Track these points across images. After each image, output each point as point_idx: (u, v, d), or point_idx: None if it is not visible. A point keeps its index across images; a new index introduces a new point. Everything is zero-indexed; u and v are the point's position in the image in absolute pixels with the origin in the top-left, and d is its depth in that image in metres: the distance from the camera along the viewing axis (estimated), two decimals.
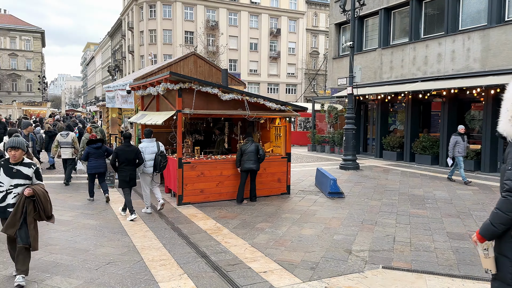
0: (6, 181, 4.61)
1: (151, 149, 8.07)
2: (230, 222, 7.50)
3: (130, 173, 7.82)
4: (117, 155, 7.80)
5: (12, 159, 4.65)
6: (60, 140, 11.03)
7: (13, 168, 4.63)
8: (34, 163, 4.81)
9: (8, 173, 4.61)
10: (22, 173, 4.66)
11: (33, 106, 44.11)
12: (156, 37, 50.09)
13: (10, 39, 67.72)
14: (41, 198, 4.68)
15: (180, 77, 8.44)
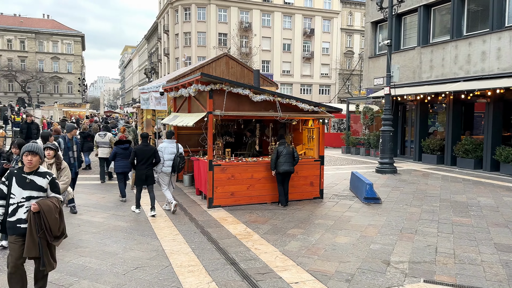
0: (17, 192, 4.02)
1: (170, 150, 8.35)
2: (260, 227, 7.27)
3: (147, 172, 8.17)
4: (135, 154, 8.19)
5: (27, 166, 4.06)
6: (97, 140, 11.64)
7: (26, 178, 4.04)
8: (51, 173, 4.23)
9: (20, 183, 4.03)
10: (35, 183, 4.06)
11: (73, 108, 45.71)
12: (191, 39, 50.74)
13: (52, 43, 70.78)
14: (46, 214, 3.97)
15: (211, 78, 8.30)
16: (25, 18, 73.21)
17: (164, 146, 8.41)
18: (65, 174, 6.05)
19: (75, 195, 8.30)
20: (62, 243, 6.32)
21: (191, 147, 11.22)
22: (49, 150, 5.96)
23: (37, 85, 66.76)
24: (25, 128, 12.71)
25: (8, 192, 4.05)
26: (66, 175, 6.05)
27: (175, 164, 8.22)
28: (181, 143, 11.37)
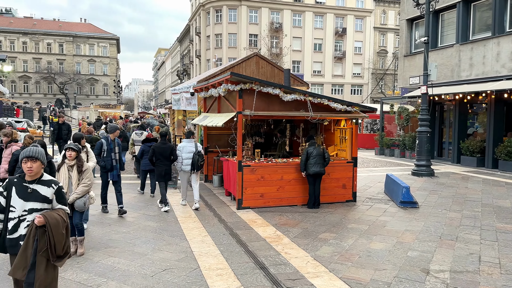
0: (18, 205, 3.44)
1: (189, 149, 8.60)
2: (290, 230, 7.05)
3: (165, 169, 8.55)
4: (154, 151, 8.58)
5: (28, 174, 3.48)
6: (134, 138, 12.01)
7: (28, 187, 3.47)
8: (56, 181, 3.66)
9: (21, 194, 3.45)
10: (39, 194, 3.48)
11: (108, 109, 47.00)
12: (222, 41, 51.07)
13: (89, 46, 73.22)
14: (53, 229, 3.39)
15: (241, 77, 8.17)
16: (63, 23, 76.09)
17: (183, 145, 8.66)
18: (86, 176, 5.69)
19: (109, 194, 8.33)
20: (92, 242, 6.42)
21: (220, 147, 11.15)
22: (70, 151, 5.61)
23: (74, 87, 69.24)
24: (57, 129, 13.01)
25: (7, 205, 3.46)
26: (88, 177, 5.71)
27: (194, 162, 8.49)
28: (210, 143, 11.39)
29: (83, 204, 5.62)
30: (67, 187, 5.54)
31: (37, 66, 69.62)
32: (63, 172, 5.60)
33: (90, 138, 11.73)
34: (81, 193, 5.60)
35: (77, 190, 5.58)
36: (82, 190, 5.61)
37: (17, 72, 68.40)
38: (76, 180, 5.63)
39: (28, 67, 69.51)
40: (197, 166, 8.51)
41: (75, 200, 5.55)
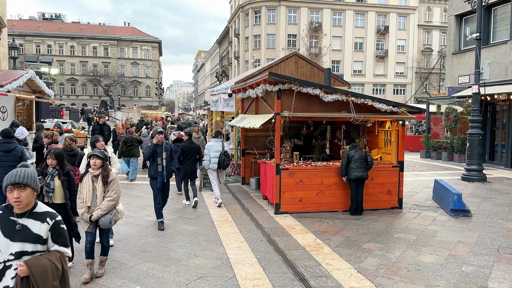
0: (4, 246, 2.58)
1: (216, 148, 8.93)
2: (331, 238, 6.67)
3: (191, 167, 8.95)
4: (182, 151, 8.98)
5: (16, 206, 2.62)
6: (172, 139, 11.98)
7: (15, 223, 2.62)
8: (54, 214, 2.74)
9: (7, 231, 2.60)
10: (29, 231, 2.62)
11: (150, 110, 48.17)
12: (260, 42, 51.02)
13: (132, 49, 75.49)
14: (39, 282, 2.51)
15: (279, 77, 7.87)
16: (108, 27, 78.92)
17: (211, 144, 9.05)
18: (113, 188, 4.91)
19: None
20: (129, 245, 6.35)
21: (258, 149, 10.91)
22: (95, 158, 4.86)
23: (118, 89, 71.58)
24: (98, 129, 13.21)
25: None
26: (114, 189, 4.92)
27: (221, 161, 8.82)
28: (248, 145, 11.17)
29: (108, 222, 4.91)
30: (91, 200, 4.88)
31: (84, 69, 72.58)
32: (86, 183, 4.89)
33: (131, 138, 12.04)
34: (106, 209, 4.86)
35: (102, 205, 4.84)
36: (108, 205, 4.87)
37: (65, 74, 71.66)
38: (101, 193, 4.89)
39: (75, 70, 72.63)
40: (223, 165, 8.89)
41: (100, 217, 4.86)
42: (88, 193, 4.88)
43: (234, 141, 12.42)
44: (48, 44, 71.14)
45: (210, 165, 8.91)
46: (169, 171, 7.40)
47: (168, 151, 7.40)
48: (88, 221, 4.85)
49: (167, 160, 7.31)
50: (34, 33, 70.25)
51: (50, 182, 4.83)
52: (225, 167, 9.03)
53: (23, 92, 13.06)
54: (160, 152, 7.26)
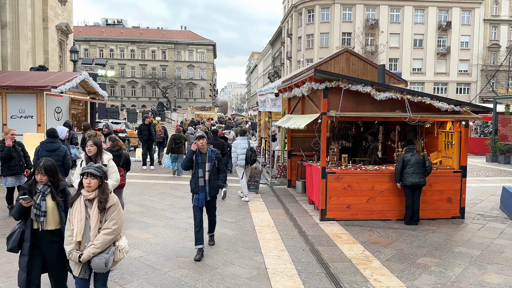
0: None
1: (242, 145, 9.38)
2: (382, 250, 6.05)
3: None
4: None
5: None
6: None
7: None
8: None
9: None
10: None
11: (203, 111, 49.10)
12: (313, 41, 50.19)
13: (188, 52, 77.59)
14: None
15: (326, 74, 7.35)
16: (166, 31, 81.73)
17: (237, 142, 9.52)
18: (112, 217, 3.57)
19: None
20: (166, 248, 6.13)
21: (305, 151, 10.41)
22: (89, 177, 3.52)
23: (175, 91, 73.90)
24: (146, 130, 13.44)
25: None
26: (113, 218, 3.57)
27: (247, 157, 9.25)
28: (294, 146, 10.73)
29: (103, 264, 3.48)
30: (82, 233, 3.50)
31: (143, 72, 75.70)
32: (77, 210, 3.53)
33: (179, 136, 12.63)
34: (101, 246, 3.47)
35: (96, 241, 3.47)
36: (104, 241, 3.48)
37: (126, 77, 75.23)
38: (96, 223, 3.52)
39: (135, 73, 75.97)
40: (250, 160, 9.29)
41: (92, 256, 3.46)
42: (79, 223, 3.50)
43: (281, 142, 12.01)
44: (111, 48, 75.05)
45: (238, 162, 9.34)
46: (214, 187, 5.87)
47: (212, 161, 5.85)
48: (77, 261, 3.46)
49: (211, 173, 5.83)
50: (97, 38, 74.45)
51: (41, 203, 3.66)
52: (252, 163, 9.42)
53: (78, 93, 13.56)
54: (203, 162, 5.79)
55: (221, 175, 6.05)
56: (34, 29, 27.60)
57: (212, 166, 5.87)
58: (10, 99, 10.85)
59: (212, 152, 5.92)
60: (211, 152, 5.90)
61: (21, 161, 7.30)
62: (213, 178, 5.89)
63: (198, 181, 5.78)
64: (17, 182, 7.37)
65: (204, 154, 5.85)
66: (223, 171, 6.10)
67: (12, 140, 7.10)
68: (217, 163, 5.95)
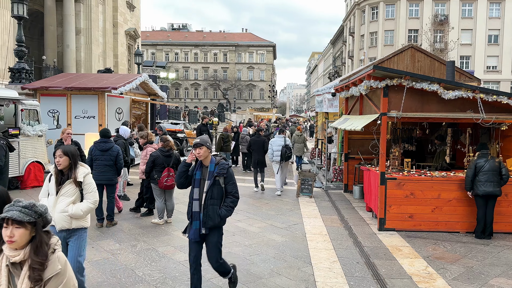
0: None
1: (278, 143, 10.02)
2: (448, 267, 5.38)
3: (258, 158, 10.48)
4: (250, 144, 10.79)
5: None
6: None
7: None
8: None
9: None
10: None
11: (261, 112, 49.24)
12: (377, 39, 48.38)
13: (248, 54, 78.46)
14: None
15: (386, 71, 6.75)
16: (228, 34, 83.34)
17: (274, 140, 10.22)
18: None
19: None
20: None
21: (363, 154, 9.78)
22: (12, 226, 2.10)
23: (235, 92, 75.04)
24: (205, 130, 13.73)
25: None
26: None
27: (283, 153, 9.84)
28: (352, 149, 10.14)
29: None
30: None
31: (205, 74, 77.82)
32: None
33: (227, 135, 13.33)
34: None
35: None
36: None
37: (189, 80, 77.80)
38: None
39: (198, 75, 78.31)
40: (285, 156, 9.88)
41: None
42: None
43: (337, 144, 11.45)
44: (176, 52, 78.03)
45: (273, 158, 10.04)
46: (211, 215, 4.04)
47: (213, 178, 4.03)
48: None
49: (209, 195, 4.05)
50: (163, 42, 77.75)
51: None
52: (287, 159, 10.02)
53: (139, 94, 14.00)
54: (202, 178, 4.10)
55: (228, 199, 4.11)
56: (105, 35, 29.33)
57: (211, 185, 4.04)
58: (75, 100, 11.41)
59: (217, 166, 4.08)
60: (215, 166, 4.08)
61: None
62: (212, 203, 4.05)
63: (191, 204, 4.14)
64: None
65: (205, 168, 4.12)
66: (232, 195, 4.13)
67: (70, 139, 7.41)
68: (222, 182, 4.08)
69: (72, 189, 3.75)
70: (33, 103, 10.03)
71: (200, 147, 4.03)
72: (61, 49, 25.47)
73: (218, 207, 4.08)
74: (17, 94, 9.09)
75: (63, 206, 3.70)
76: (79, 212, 3.73)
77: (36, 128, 9.77)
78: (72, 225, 3.76)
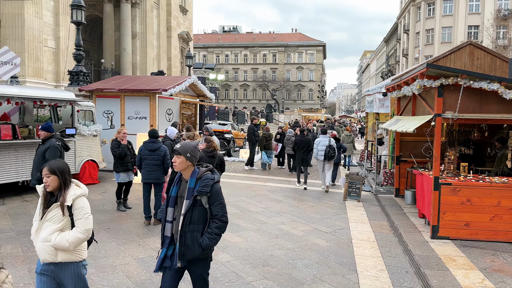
0: None
1: (324, 142, 10.60)
2: (508, 282, 4.95)
3: (302, 157, 11.11)
4: (295, 143, 11.40)
5: None
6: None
7: None
8: None
9: None
10: None
11: (310, 113, 48.67)
12: (433, 36, 46.24)
13: (298, 54, 77.98)
14: None
15: (441, 69, 6.35)
16: (277, 34, 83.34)
17: (319, 139, 10.76)
18: None
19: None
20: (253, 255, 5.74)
21: (416, 157, 9.29)
22: None
23: (283, 93, 74.88)
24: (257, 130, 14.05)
25: None
26: None
27: (326, 152, 10.42)
28: (404, 151, 9.71)
29: None
30: None
31: (254, 75, 78.35)
32: None
33: (269, 134, 14.03)
34: None
35: None
36: None
37: (238, 81, 78.75)
38: None
39: (247, 76, 79.04)
40: (329, 156, 10.45)
41: None
42: None
43: (388, 146, 10.99)
44: (226, 54, 79.32)
45: (317, 157, 10.66)
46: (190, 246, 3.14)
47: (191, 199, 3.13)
48: None
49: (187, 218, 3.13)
50: (214, 44, 79.32)
51: None
52: (330, 158, 10.55)
53: (189, 96, 14.31)
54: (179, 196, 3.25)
55: (213, 224, 3.17)
56: (159, 38, 30.42)
57: (190, 207, 3.10)
58: (128, 101, 11.88)
59: (199, 181, 3.15)
60: (197, 182, 3.15)
61: (132, 158, 7.86)
62: (191, 229, 3.12)
63: (164, 226, 3.23)
64: (127, 178, 7.95)
65: (185, 183, 3.23)
66: (218, 218, 3.19)
67: (126, 139, 7.78)
68: (206, 202, 3.14)
69: (59, 215, 3.01)
70: (88, 104, 10.57)
71: (178, 156, 3.17)
72: (118, 52, 26.75)
73: (200, 234, 3.13)
74: (74, 96, 9.59)
75: (46, 234, 2.99)
76: (64, 242, 2.95)
77: (91, 128, 10.28)
78: (58, 258, 3.00)
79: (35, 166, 6.43)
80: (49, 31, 18.45)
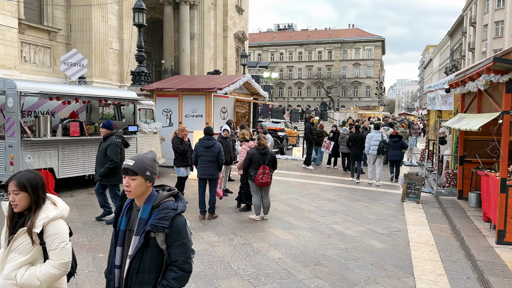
0: None
1: (376, 138, 10.89)
2: None
3: (356, 152, 11.57)
4: (349, 139, 11.92)
5: None
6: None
7: None
8: None
9: None
10: None
11: (367, 110, 47.31)
12: (503, 28, 43.01)
13: (355, 50, 76.00)
14: None
15: (509, 64, 5.89)
16: (333, 31, 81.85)
17: (372, 135, 11.09)
18: None
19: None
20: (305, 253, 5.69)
21: (482, 157, 8.71)
22: None
23: (339, 90, 73.39)
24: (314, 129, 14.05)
25: None
26: None
27: (380, 147, 10.76)
28: (469, 151, 9.21)
29: None
30: None
31: (309, 73, 77.57)
32: None
33: (321, 131, 14.44)
34: None
35: None
36: None
37: (293, 79, 78.39)
38: None
39: (302, 74, 78.44)
40: (382, 151, 10.79)
41: None
42: None
43: (451, 145, 10.40)
44: (280, 52, 79.28)
45: (369, 151, 10.94)
46: None
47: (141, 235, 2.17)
48: None
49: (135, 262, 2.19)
50: (269, 43, 79.57)
51: None
52: (384, 153, 10.95)
53: (243, 94, 14.50)
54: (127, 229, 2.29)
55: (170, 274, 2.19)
56: (216, 38, 31.11)
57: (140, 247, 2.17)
58: (185, 100, 12.29)
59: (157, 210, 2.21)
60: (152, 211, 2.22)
61: (191, 154, 8.17)
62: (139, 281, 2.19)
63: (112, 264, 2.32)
64: (186, 173, 8.27)
65: (136, 212, 2.29)
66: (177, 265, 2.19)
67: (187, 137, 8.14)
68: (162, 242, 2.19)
69: (27, 243, 2.29)
70: (149, 103, 11.08)
71: (133, 177, 2.21)
72: (178, 53, 27.72)
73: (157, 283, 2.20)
74: (136, 95, 10.11)
75: (10, 270, 2.28)
76: (34, 281, 2.25)
77: (152, 125, 10.76)
78: None
79: (97, 162, 6.87)
80: (113, 34, 19.56)
